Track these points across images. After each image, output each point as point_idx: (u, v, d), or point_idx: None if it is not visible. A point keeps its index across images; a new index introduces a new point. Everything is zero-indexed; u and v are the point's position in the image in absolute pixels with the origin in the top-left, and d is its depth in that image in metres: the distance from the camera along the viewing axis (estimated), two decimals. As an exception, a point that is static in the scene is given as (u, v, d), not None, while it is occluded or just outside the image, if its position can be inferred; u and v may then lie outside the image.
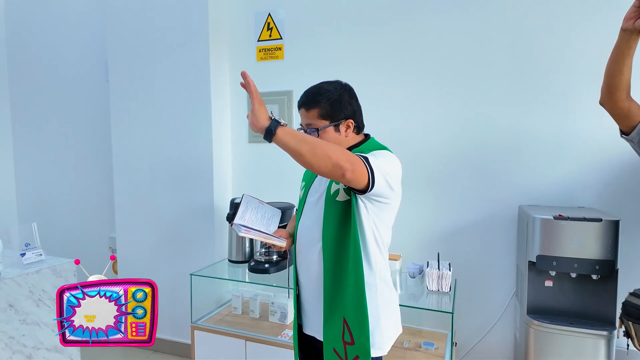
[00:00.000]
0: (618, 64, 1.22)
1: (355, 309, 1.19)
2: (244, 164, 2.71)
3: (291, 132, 1.09)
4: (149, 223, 2.72)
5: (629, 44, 1.17)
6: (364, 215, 1.20)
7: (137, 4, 2.62)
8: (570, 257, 1.71)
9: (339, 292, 1.20)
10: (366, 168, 1.10)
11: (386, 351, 1.27)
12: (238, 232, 1.30)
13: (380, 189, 1.14)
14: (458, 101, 2.20)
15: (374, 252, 1.24)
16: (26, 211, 3.42)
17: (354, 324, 1.19)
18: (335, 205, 1.21)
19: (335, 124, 1.26)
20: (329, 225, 1.22)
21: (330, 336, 1.22)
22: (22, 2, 3.25)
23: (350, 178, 1.07)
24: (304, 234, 1.31)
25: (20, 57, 3.31)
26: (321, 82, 1.31)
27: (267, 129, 1.07)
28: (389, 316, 1.29)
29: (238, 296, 2.35)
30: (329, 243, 1.21)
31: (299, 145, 1.06)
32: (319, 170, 1.08)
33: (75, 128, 3.16)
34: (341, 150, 1.09)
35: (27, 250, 1.94)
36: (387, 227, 1.27)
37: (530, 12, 2.06)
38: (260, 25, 2.59)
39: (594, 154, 2.01)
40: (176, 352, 2.72)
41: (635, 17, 1.13)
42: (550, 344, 1.76)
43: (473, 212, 2.22)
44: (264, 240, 1.35)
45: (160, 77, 2.61)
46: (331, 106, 1.25)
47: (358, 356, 1.19)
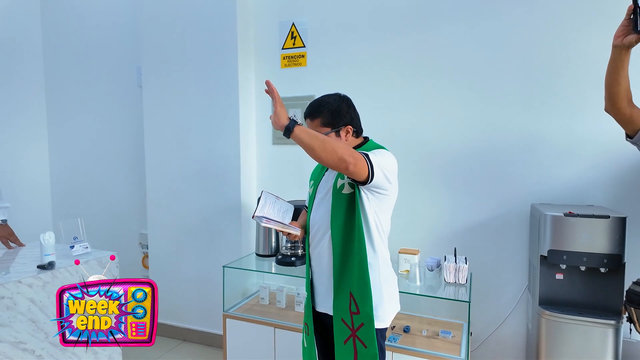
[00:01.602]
0: (614, 76, 1.34)
1: (360, 284, 1.39)
2: (267, 165, 2.87)
3: (306, 130, 1.30)
4: (179, 220, 2.89)
5: (621, 58, 1.29)
6: (366, 205, 1.40)
7: (168, 15, 2.81)
8: (579, 252, 1.83)
9: (346, 271, 1.41)
10: (367, 163, 1.30)
11: (388, 324, 1.47)
12: (260, 222, 1.51)
13: (379, 181, 1.34)
14: (473, 104, 2.33)
15: (376, 237, 1.44)
16: (60, 208, 3.63)
17: (359, 296, 1.39)
18: (341, 198, 1.42)
19: (336, 130, 1.47)
20: (337, 216, 1.42)
21: (339, 308, 1.42)
22: (60, 13, 3.45)
23: (352, 170, 1.27)
24: (315, 225, 1.51)
25: (57, 64, 3.52)
26: (323, 95, 1.53)
27: (286, 127, 1.29)
28: (390, 293, 1.49)
29: (265, 287, 2.51)
30: (337, 230, 1.41)
31: (312, 140, 1.27)
32: (327, 163, 1.28)
33: (110, 130, 3.35)
34: (346, 147, 1.29)
35: (75, 243, 2.13)
36: (386, 216, 1.48)
37: (540, 21, 2.18)
38: (284, 34, 2.75)
39: (603, 154, 2.12)
40: (204, 342, 2.89)
41: (624, 35, 1.25)
42: (560, 333, 1.88)
43: (487, 210, 2.35)
44: (281, 230, 1.56)
45: (191, 84, 2.78)
46: (332, 115, 1.46)
47: (363, 323, 1.39)
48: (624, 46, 1.28)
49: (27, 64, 3.47)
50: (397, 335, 2.07)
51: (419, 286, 2.01)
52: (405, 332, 2.12)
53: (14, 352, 1.70)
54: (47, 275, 1.84)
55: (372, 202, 1.41)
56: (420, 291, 1.98)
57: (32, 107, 3.51)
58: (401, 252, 2.16)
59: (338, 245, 1.41)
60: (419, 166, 2.46)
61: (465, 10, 2.32)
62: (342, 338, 1.41)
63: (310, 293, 1.56)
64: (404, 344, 1.98)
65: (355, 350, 1.40)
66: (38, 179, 3.58)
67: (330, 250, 1.44)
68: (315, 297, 1.55)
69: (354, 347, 1.40)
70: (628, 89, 1.38)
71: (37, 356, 1.79)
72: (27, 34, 3.45)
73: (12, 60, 3.34)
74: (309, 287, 1.56)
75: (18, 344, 1.72)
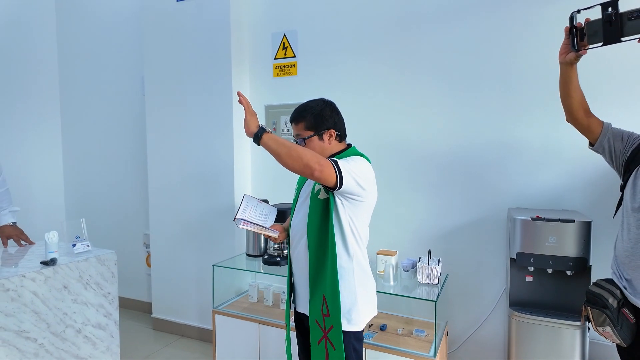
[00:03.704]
0: (565, 90, 1.44)
1: (331, 288, 1.44)
2: (262, 169, 3.01)
3: (274, 137, 1.38)
4: (179, 221, 3.07)
5: (568, 73, 1.40)
6: (341, 211, 1.45)
7: (169, 29, 2.99)
8: (546, 255, 1.89)
9: (320, 274, 1.46)
10: (334, 169, 1.34)
11: (362, 327, 1.51)
12: (237, 225, 1.59)
13: (349, 187, 1.39)
14: (454, 111, 2.41)
15: (352, 243, 1.48)
16: (73, 209, 3.87)
17: (330, 300, 1.44)
18: (317, 202, 1.47)
19: (319, 134, 1.51)
20: (313, 220, 1.48)
21: (314, 310, 1.47)
22: (74, 28, 3.70)
23: (318, 176, 1.33)
24: (294, 228, 1.58)
25: (70, 75, 3.77)
26: (307, 101, 1.58)
27: (255, 134, 1.38)
28: (365, 297, 1.52)
29: (254, 286, 2.64)
30: (313, 234, 1.47)
31: (278, 147, 1.35)
32: (293, 169, 1.34)
33: (116, 137, 3.57)
34: (313, 154, 1.34)
35: (77, 241, 2.31)
36: (362, 222, 1.51)
37: (518, 28, 2.25)
38: (276, 45, 2.89)
39: (579, 160, 2.16)
40: (201, 338, 3.04)
41: (565, 52, 1.35)
42: (529, 334, 1.94)
43: (467, 213, 2.42)
44: (259, 232, 1.64)
45: (189, 92, 2.95)
46: (314, 119, 1.51)
47: (333, 326, 1.44)
48: (567, 63, 1.37)
49: (44, 76, 3.73)
50: (372, 333, 2.17)
51: (393, 286, 2.10)
52: (381, 330, 2.22)
53: (18, 340, 1.88)
54: (49, 271, 2.01)
55: (346, 207, 1.44)
56: (394, 291, 2.07)
57: (47, 116, 3.77)
58: (379, 253, 2.26)
59: (313, 249, 1.47)
60: (404, 170, 2.55)
61: (444, 19, 2.41)
62: (316, 339, 1.47)
63: (292, 294, 1.64)
64: (377, 341, 2.08)
65: (326, 352, 1.45)
66: (53, 184, 3.84)
67: (307, 253, 1.49)
68: (296, 298, 1.62)
69: (326, 348, 1.45)
70: (582, 100, 1.47)
71: (39, 344, 1.96)
72: (44, 48, 3.71)
73: (29, 73, 3.60)
74: (289, 288, 1.64)
75: (21, 332, 1.89)
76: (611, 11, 1.20)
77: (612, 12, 1.20)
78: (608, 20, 1.21)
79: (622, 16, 1.19)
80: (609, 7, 1.21)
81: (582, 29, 1.30)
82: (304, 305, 1.56)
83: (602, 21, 1.23)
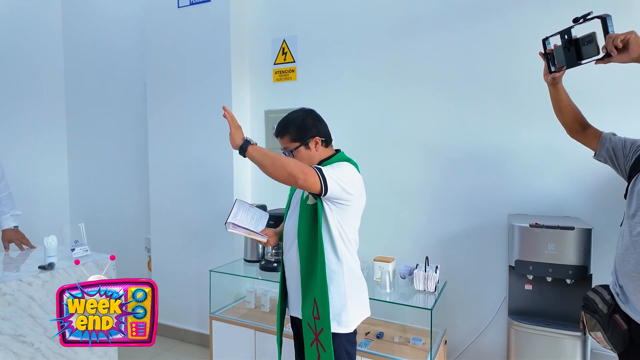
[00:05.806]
0: (556, 107, 1.51)
1: (321, 291, 1.46)
2: (261, 175, 2.98)
3: (258, 149, 1.41)
4: (179, 226, 3.07)
5: (554, 93, 1.47)
6: (329, 215, 1.47)
7: (170, 34, 3.02)
8: (545, 263, 1.85)
9: (311, 278, 1.49)
10: (318, 176, 1.36)
11: (352, 329, 1.52)
12: (227, 229, 1.60)
13: (335, 193, 1.41)
14: (454, 116, 2.38)
15: (341, 246, 1.50)
16: (77, 214, 3.91)
17: (320, 303, 1.46)
18: (306, 208, 1.50)
19: (305, 143, 1.54)
20: (303, 225, 1.51)
21: (306, 313, 1.50)
22: (80, 34, 3.76)
23: (302, 184, 1.36)
24: (286, 233, 1.61)
25: (75, 81, 3.82)
26: (288, 113, 1.61)
27: (240, 147, 1.41)
28: (355, 300, 1.54)
29: (251, 292, 2.63)
30: (303, 239, 1.50)
31: (263, 158, 1.39)
32: (277, 178, 1.38)
33: (119, 142, 3.61)
34: (296, 164, 1.38)
35: (76, 246, 2.32)
36: (351, 227, 1.53)
37: (517, 34, 2.22)
38: (276, 50, 2.89)
39: (580, 166, 2.12)
40: (201, 343, 3.04)
41: (547, 74, 1.43)
42: (528, 344, 1.90)
43: (467, 220, 2.38)
44: (249, 237, 1.64)
45: (190, 97, 2.97)
46: (297, 131, 1.54)
47: (323, 328, 1.46)
48: (549, 84, 1.46)
49: (50, 83, 3.79)
50: (368, 341, 2.14)
51: (390, 293, 2.08)
52: (378, 338, 2.18)
53: (14, 344, 1.89)
54: (47, 275, 2.02)
55: (334, 212, 1.48)
56: (391, 298, 2.05)
57: (53, 122, 3.81)
58: (376, 259, 2.23)
59: (304, 253, 1.50)
60: (404, 176, 2.52)
61: (443, 23, 2.39)
62: (308, 341, 1.50)
63: (285, 298, 1.66)
64: (373, 349, 2.05)
65: (318, 354, 1.48)
66: (58, 189, 3.88)
67: (298, 257, 1.53)
68: (288, 301, 1.65)
69: (317, 351, 1.48)
70: (575, 116, 1.52)
71: (36, 349, 1.97)
72: (50, 55, 3.77)
73: (35, 79, 3.65)
74: (282, 292, 1.66)
75: (18, 336, 1.90)
76: (567, 38, 1.32)
77: (567, 39, 1.32)
78: (566, 47, 1.33)
79: (577, 42, 1.30)
80: (565, 35, 1.32)
81: (552, 54, 1.41)
82: (296, 309, 1.59)
83: (562, 48, 1.35)
